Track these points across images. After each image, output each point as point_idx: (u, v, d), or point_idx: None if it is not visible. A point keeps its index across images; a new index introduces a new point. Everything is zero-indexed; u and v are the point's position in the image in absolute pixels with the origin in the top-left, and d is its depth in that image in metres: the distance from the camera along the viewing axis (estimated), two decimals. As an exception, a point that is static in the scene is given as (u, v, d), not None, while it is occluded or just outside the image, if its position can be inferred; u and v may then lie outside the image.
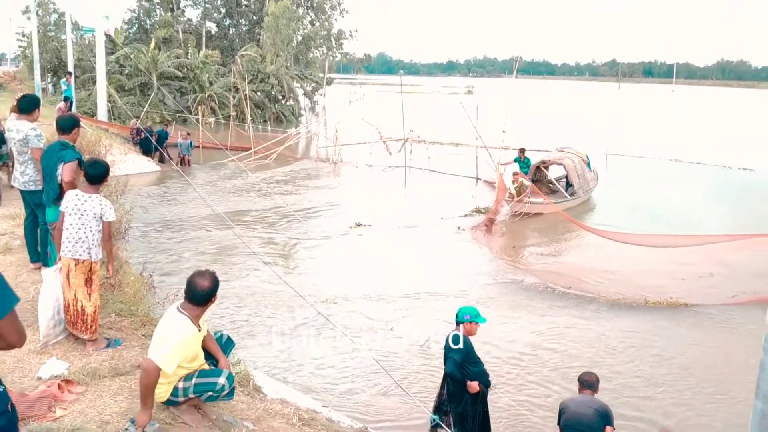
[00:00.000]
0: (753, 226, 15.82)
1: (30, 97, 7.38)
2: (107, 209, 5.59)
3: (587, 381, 6.16)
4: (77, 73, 32.73)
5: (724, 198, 21.33)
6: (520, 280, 12.74)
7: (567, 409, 5.85)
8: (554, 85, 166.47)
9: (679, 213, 18.68)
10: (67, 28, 35.50)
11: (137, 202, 16.78)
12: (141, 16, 50.14)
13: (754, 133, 44.94)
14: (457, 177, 23.63)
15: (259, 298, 11.05)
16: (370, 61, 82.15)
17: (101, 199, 5.63)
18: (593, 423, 5.66)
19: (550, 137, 30.34)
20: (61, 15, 43.29)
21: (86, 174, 5.66)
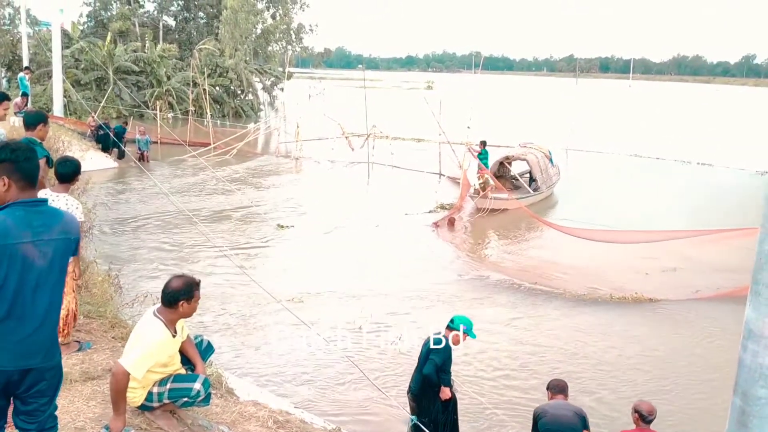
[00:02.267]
0: (714, 221, 16.25)
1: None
2: (74, 209, 5.41)
3: (558, 386, 6.27)
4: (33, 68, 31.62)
5: (685, 193, 21.77)
6: (486, 276, 12.82)
7: (546, 413, 5.88)
8: (513, 80, 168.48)
9: (640, 208, 19.01)
10: (22, 22, 34.33)
11: (99, 199, 16.42)
12: (98, 9, 48.78)
13: (711, 128, 46.17)
14: (420, 173, 23.66)
15: (225, 296, 10.92)
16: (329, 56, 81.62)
17: (68, 198, 5.49)
18: (574, 425, 5.74)
19: (512, 133, 30.60)
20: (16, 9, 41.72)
21: (56, 173, 5.53)
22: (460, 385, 7.74)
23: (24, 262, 3.09)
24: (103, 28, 46.27)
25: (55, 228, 3.22)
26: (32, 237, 3.13)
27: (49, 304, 3.23)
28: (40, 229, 3.16)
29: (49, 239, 3.19)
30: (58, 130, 19.60)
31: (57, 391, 3.42)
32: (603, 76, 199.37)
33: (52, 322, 3.27)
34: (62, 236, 3.25)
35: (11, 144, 3.31)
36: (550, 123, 40.25)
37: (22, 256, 3.08)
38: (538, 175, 19.46)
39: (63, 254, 3.27)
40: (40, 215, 3.20)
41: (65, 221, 3.32)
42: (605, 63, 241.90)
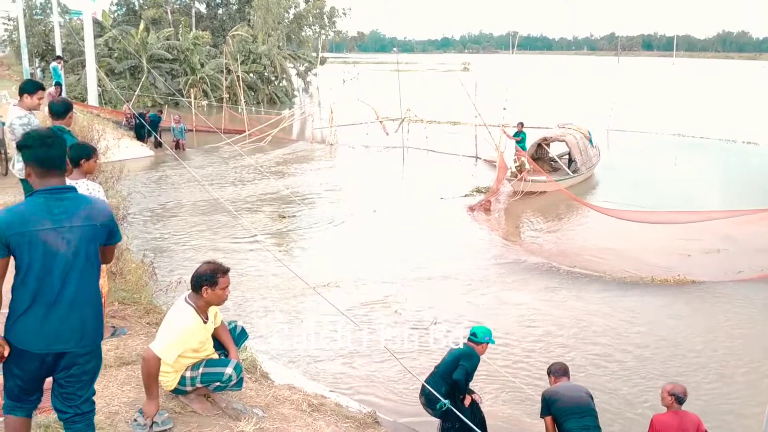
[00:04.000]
0: (759, 200, 15.66)
1: (24, 82, 7.13)
2: (96, 192, 5.36)
3: (561, 369, 6.30)
4: (66, 58, 32.11)
5: (729, 172, 21.11)
6: (523, 260, 12.57)
7: (560, 396, 5.86)
8: (552, 60, 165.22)
9: (683, 188, 18.48)
10: (53, 12, 34.78)
11: (134, 187, 16.56)
12: (129, -3, 49.29)
13: (757, 106, 44.52)
14: (455, 156, 23.30)
15: (260, 283, 10.92)
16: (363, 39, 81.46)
17: (89, 183, 5.42)
18: (590, 405, 5.80)
19: (551, 113, 29.96)
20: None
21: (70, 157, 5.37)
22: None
23: (45, 249, 3.14)
24: (134, 15, 46.62)
25: (78, 214, 3.22)
26: (53, 224, 3.15)
27: (79, 290, 3.24)
28: (62, 216, 3.17)
29: (71, 226, 3.19)
30: (92, 119, 19.84)
31: (94, 377, 3.47)
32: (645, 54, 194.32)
33: (85, 308, 3.29)
34: (86, 223, 3.24)
35: (32, 132, 3.32)
36: (590, 103, 39.41)
37: (42, 243, 3.13)
38: (578, 157, 18.96)
39: (89, 241, 3.26)
40: (61, 202, 3.19)
41: (91, 207, 3.30)
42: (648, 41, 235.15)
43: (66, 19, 41.51)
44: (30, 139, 3.22)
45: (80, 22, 32.09)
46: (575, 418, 5.67)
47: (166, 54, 38.43)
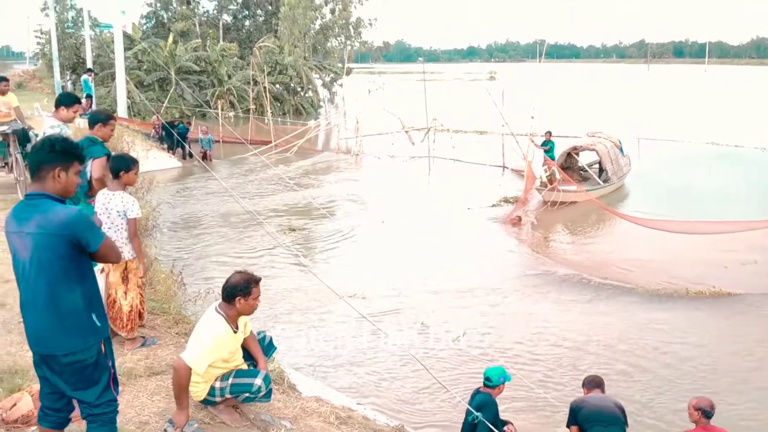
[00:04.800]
0: (797, 210, 15.16)
1: (62, 94, 7.29)
2: (130, 205, 5.51)
3: (594, 381, 6.26)
4: (96, 70, 32.62)
5: (765, 182, 20.48)
6: (553, 271, 12.34)
7: (587, 404, 5.82)
8: (581, 68, 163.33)
9: (717, 198, 18.02)
10: (84, 25, 35.37)
11: (163, 198, 16.66)
12: (158, 10, 49.93)
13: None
14: (482, 166, 23.06)
15: (288, 292, 10.88)
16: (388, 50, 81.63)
17: (124, 195, 5.55)
18: (617, 415, 5.72)
19: (579, 122, 29.58)
20: (78, 12, 43.16)
21: (110, 168, 5.63)
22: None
23: (14, 252, 3.31)
24: (163, 28, 47.27)
25: (32, 221, 3.21)
26: (16, 228, 3.26)
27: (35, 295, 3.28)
28: (23, 222, 3.24)
29: (27, 232, 3.22)
30: (122, 130, 20.06)
31: (86, 383, 3.41)
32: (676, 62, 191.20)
33: (52, 314, 3.28)
34: (38, 230, 3.20)
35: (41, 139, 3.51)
36: (620, 111, 38.84)
37: (12, 245, 3.31)
38: (609, 166, 18.59)
39: (42, 249, 3.21)
40: (27, 208, 3.27)
41: (46, 216, 3.21)
42: (679, 47, 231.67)
43: (96, 32, 42.20)
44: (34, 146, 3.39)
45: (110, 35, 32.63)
46: (600, 426, 5.59)
47: (193, 66, 38.86)
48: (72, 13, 45.47)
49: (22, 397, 4.52)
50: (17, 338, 5.83)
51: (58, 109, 6.79)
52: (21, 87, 39.29)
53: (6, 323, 6.19)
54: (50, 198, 3.26)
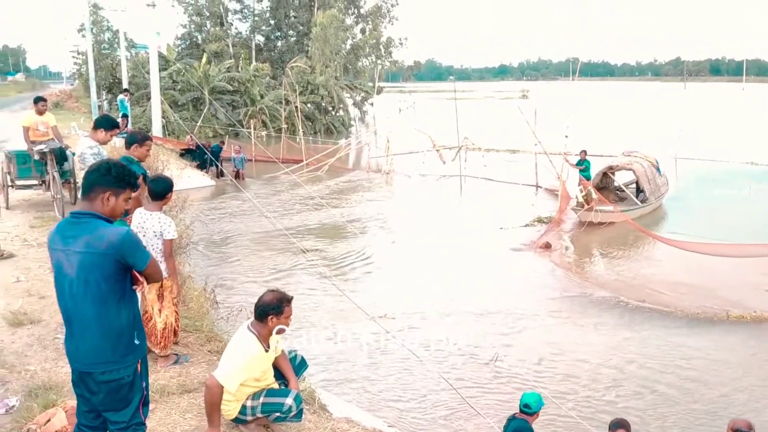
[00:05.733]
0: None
1: (103, 117, 7.41)
2: (167, 227, 5.66)
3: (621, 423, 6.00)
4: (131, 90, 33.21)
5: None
6: (589, 293, 12.06)
7: None
8: (615, 86, 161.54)
9: (757, 219, 17.43)
10: (121, 46, 36.09)
11: (196, 217, 16.75)
12: (192, 32, 50.83)
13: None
14: (515, 185, 22.77)
15: (318, 311, 10.81)
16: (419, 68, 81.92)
17: (161, 216, 5.70)
18: None
19: (614, 141, 29.12)
20: (114, 33, 44.10)
21: (149, 190, 5.77)
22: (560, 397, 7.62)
23: (59, 269, 3.35)
24: (197, 49, 48.04)
25: (81, 240, 3.26)
26: (62, 246, 3.30)
27: (82, 313, 3.33)
28: (70, 240, 3.28)
29: (74, 251, 3.27)
30: (157, 150, 20.30)
31: (121, 403, 3.46)
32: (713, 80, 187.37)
33: (96, 332, 3.34)
34: (86, 249, 3.25)
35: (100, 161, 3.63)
36: (656, 130, 38.16)
37: (56, 262, 3.35)
38: (646, 186, 18.18)
39: (89, 268, 3.26)
40: (73, 226, 3.32)
41: (95, 236, 3.28)
42: (715, 65, 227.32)
43: (132, 53, 43.05)
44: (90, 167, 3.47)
45: (146, 56, 33.24)
46: None
47: (227, 86, 39.24)
48: (108, 34, 46.38)
49: (57, 413, 4.58)
50: (52, 354, 5.93)
51: (96, 131, 6.93)
52: (58, 106, 40.37)
53: (42, 339, 6.27)
54: (98, 218, 3.34)
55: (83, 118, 32.21)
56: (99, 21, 44.90)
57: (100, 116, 7.38)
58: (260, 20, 52.50)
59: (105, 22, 45.95)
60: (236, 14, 52.27)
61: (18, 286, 7.65)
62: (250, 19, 52.38)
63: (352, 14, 52.69)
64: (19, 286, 7.67)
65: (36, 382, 5.31)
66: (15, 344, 6.14)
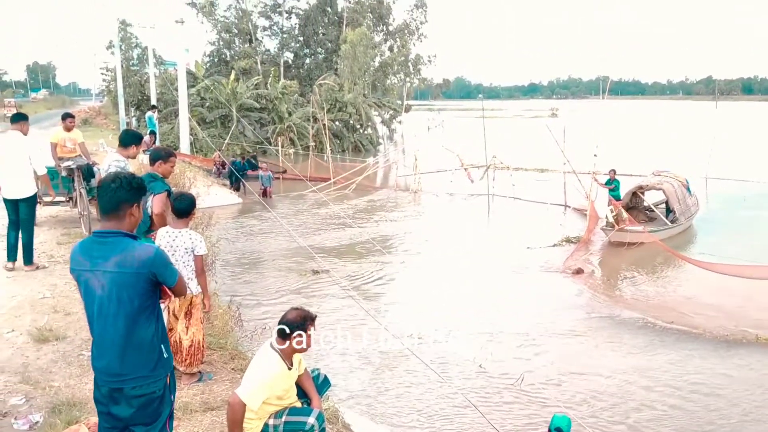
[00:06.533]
0: None
1: (131, 132, 7.46)
2: (198, 243, 5.72)
3: None
4: (159, 107, 33.70)
5: None
6: (617, 314, 11.89)
7: None
8: (645, 105, 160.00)
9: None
10: (149, 63, 36.62)
11: (222, 234, 16.86)
12: (221, 48, 51.48)
13: None
14: (543, 204, 22.56)
15: (343, 331, 10.70)
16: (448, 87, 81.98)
17: (191, 233, 5.75)
18: None
19: (644, 160, 28.79)
20: (143, 49, 44.86)
21: (173, 208, 5.81)
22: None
23: (87, 290, 3.36)
24: (225, 66, 48.58)
25: (111, 260, 3.30)
26: (90, 266, 3.32)
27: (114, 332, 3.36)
28: (99, 259, 3.31)
29: (105, 271, 3.30)
30: (184, 167, 20.56)
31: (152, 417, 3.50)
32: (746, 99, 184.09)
33: (128, 348, 3.39)
34: (118, 269, 3.30)
35: (104, 178, 3.55)
36: (687, 149, 37.58)
37: (84, 283, 3.36)
38: (676, 206, 17.87)
39: (121, 286, 3.31)
40: (101, 246, 3.33)
41: (126, 255, 3.32)
42: (748, 84, 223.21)
43: (161, 70, 43.67)
44: (102, 182, 3.45)
45: (174, 73, 33.74)
46: None
47: (254, 103, 39.52)
48: (137, 51, 47.16)
49: (80, 429, 4.62)
50: (76, 371, 5.97)
51: (128, 148, 7.06)
52: (87, 123, 41.11)
53: (66, 356, 6.32)
54: (125, 235, 3.37)
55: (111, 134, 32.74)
56: (128, 38, 45.70)
57: (124, 133, 7.37)
58: (289, 37, 52.92)
59: (134, 39, 46.72)
60: (265, 31, 52.76)
61: (44, 302, 7.73)
62: (279, 36, 52.92)
63: (380, 31, 52.96)
64: (45, 302, 7.76)
65: (60, 398, 5.34)
66: (40, 360, 6.19)
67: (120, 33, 38.61)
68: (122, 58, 38.72)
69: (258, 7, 51.06)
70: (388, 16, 52.74)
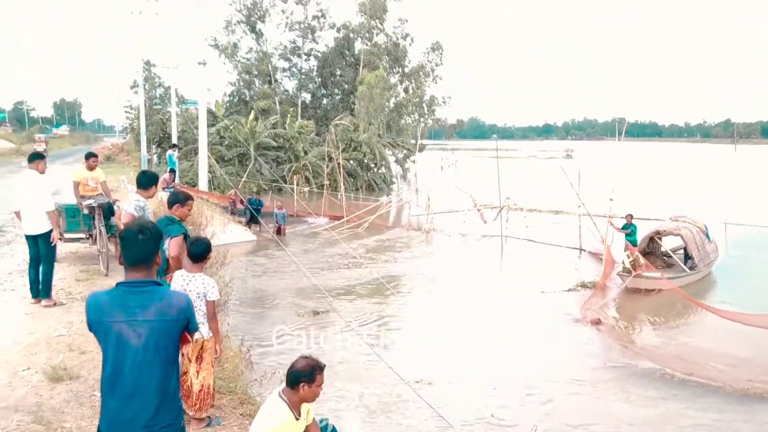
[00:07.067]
0: None
1: (149, 174, 7.62)
2: (210, 288, 5.74)
3: None
4: (180, 144, 34.18)
5: None
6: (634, 364, 11.65)
7: None
8: (662, 147, 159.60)
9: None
10: (172, 103, 37.30)
11: (236, 273, 16.88)
12: (241, 89, 52.38)
13: None
14: (558, 247, 22.39)
15: (353, 375, 10.61)
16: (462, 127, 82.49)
17: (204, 278, 5.78)
18: None
19: (661, 204, 28.58)
20: (166, 89, 45.72)
21: (189, 252, 5.85)
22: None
23: (119, 341, 3.32)
24: (245, 106, 49.34)
25: (151, 309, 3.34)
26: (125, 317, 3.31)
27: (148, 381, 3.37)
28: (136, 309, 3.32)
29: (144, 320, 3.32)
30: (201, 204, 20.73)
31: None
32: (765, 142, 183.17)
33: (159, 396, 3.40)
34: (158, 318, 3.35)
35: (129, 227, 3.53)
36: (705, 193, 37.34)
37: (116, 334, 3.31)
38: (695, 252, 17.63)
39: (160, 335, 3.36)
40: (138, 296, 3.35)
41: (164, 303, 3.39)
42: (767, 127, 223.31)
43: (182, 109, 44.43)
44: (126, 233, 3.44)
45: (195, 112, 34.30)
46: None
47: (272, 142, 40.00)
48: (160, 90, 48.24)
49: None
50: (88, 412, 5.93)
51: (148, 189, 7.31)
52: (109, 159, 41.74)
53: (79, 396, 6.29)
54: (156, 284, 3.44)
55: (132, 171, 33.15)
56: (151, 78, 46.75)
57: (142, 175, 7.53)
58: (307, 78, 53.82)
59: (157, 79, 47.87)
60: (284, 72, 53.64)
61: (60, 340, 7.72)
62: (297, 77, 53.82)
63: (396, 73, 53.69)
64: (61, 339, 7.74)
65: (70, 440, 5.27)
66: (53, 400, 6.16)
67: (144, 73, 39.43)
68: (146, 97, 39.46)
69: (278, 50, 52.06)
70: (404, 59, 53.51)
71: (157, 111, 45.31)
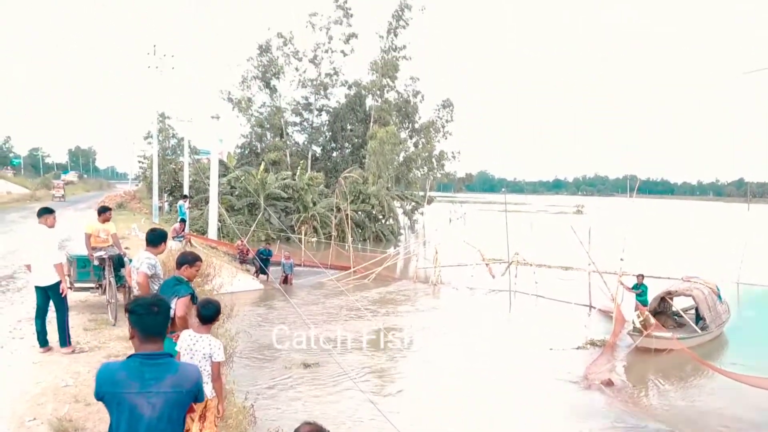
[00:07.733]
0: None
1: (158, 232, 7.78)
2: (216, 350, 5.84)
3: None
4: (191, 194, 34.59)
5: None
6: (643, 426, 11.42)
7: None
8: (674, 205, 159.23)
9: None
10: (184, 153, 37.93)
11: (241, 326, 16.74)
12: (253, 141, 53.14)
13: None
14: (567, 304, 22.15)
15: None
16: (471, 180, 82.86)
17: (211, 339, 5.88)
18: None
19: (673, 264, 28.35)
20: (179, 140, 46.53)
21: (199, 314, 5.95)
22: None
23: (132, 412, 3.37)
24: (256, 157, 50.01)
25: (166, 381, 3.43)
26: (140, 388, 3.38)
27: None
28: (152, 381, 3.41)
29: (159, 391, 3.41)
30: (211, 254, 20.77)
31: None
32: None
33: None
34: (173, 390, 3.44)
35: (139, 298, 3.69)
36: (718, 252, 37.02)
37: (129, 405, 3.38)
38: (707, 313, 17.37)
39: (173, 406, 3.45)
40: (154, 368, 3.45)
41: (179, 375, 3.50)
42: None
43: (194, 159, 45.15)
44: (137, 306, 3.54)
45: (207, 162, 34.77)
46: None
47: (282, 193, 40.47)
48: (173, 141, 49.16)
49: None
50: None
51: (157, 246, 7.49)
52: (121, 207, 42.15)
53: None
54: (171, 356, 3.57)
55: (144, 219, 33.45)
56: (165, 129, 47.74)
57: (150, 233, 7.69)
58: (317, 132, 54.64)
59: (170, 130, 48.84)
60: (295, 126, 54.57)
61: (66, 391, 7.66)
62: (308, 131, 54.64)
63: (406, 128, 54.38)
64: (67, 390, 7.68)
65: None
66: (59, 453, 6.07)
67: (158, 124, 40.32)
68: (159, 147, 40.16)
69: (291, 105, 53.03)
70: (414, 115, 54.26)
71: (169, 161, 46.07)
